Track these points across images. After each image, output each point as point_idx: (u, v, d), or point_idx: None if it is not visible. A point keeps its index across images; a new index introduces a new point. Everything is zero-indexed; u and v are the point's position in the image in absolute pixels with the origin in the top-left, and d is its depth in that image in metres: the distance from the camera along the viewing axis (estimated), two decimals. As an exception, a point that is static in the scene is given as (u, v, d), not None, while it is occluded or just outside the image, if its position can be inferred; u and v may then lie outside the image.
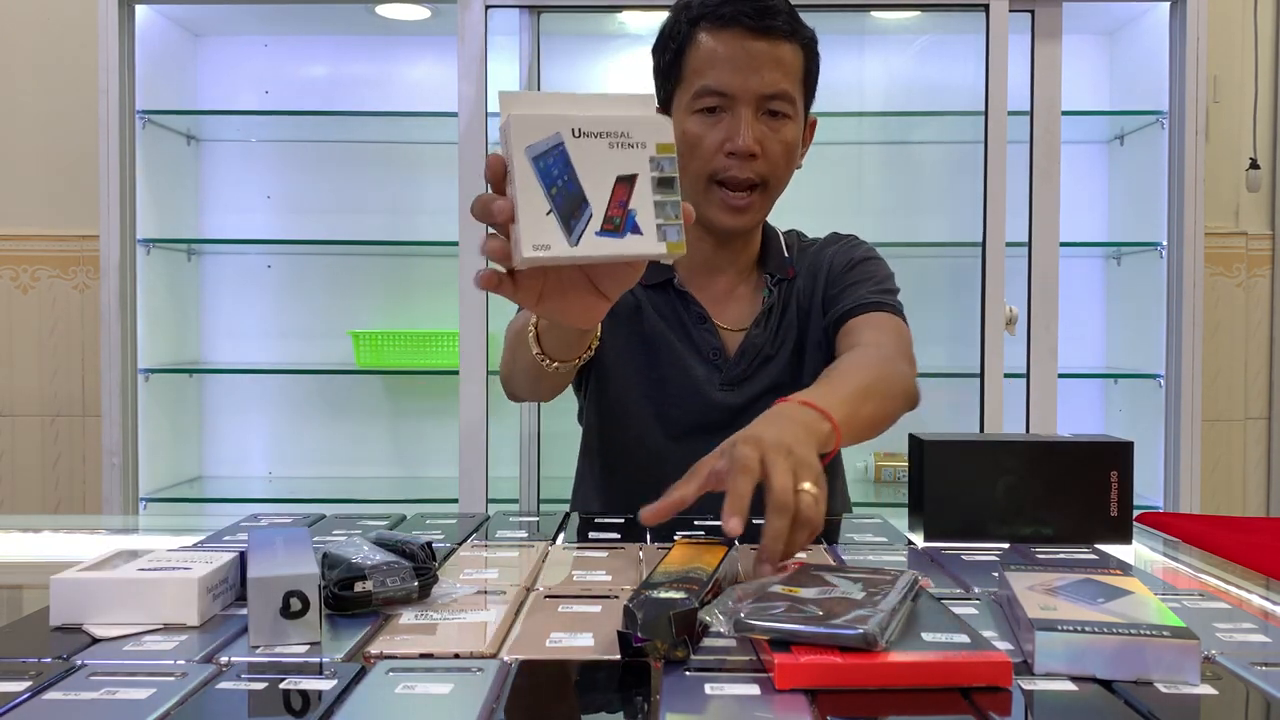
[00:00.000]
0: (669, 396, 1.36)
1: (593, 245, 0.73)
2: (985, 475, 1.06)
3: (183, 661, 0.68)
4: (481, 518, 1.19)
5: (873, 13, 2.60)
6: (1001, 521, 1.06)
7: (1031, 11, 2.27)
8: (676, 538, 1.05)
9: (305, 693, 0.63)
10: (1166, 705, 0.61)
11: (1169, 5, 2.36)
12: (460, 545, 1.03)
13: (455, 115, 2.28)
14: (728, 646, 0.70)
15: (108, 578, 0.76)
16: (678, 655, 0.67)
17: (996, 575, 0.87)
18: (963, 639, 0.66)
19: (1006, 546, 1.03)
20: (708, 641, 0.71)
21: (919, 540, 1.07)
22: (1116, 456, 1.07)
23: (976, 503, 1.06)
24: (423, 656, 0.70)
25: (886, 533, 1.11)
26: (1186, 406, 2.36)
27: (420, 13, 2.58)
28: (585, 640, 0.73)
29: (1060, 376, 2.31)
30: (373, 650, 0.70)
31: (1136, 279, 2.62)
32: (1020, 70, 2.28)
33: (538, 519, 1.19)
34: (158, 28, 2.57)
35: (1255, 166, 2.64)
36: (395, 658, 0.69)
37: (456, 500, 2.32)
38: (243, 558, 0.82)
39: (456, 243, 2.28)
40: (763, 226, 1.41)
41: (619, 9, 2.48)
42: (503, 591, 0.84)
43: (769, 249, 1.40)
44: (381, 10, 2.56)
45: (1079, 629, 0.66)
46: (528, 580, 0.89)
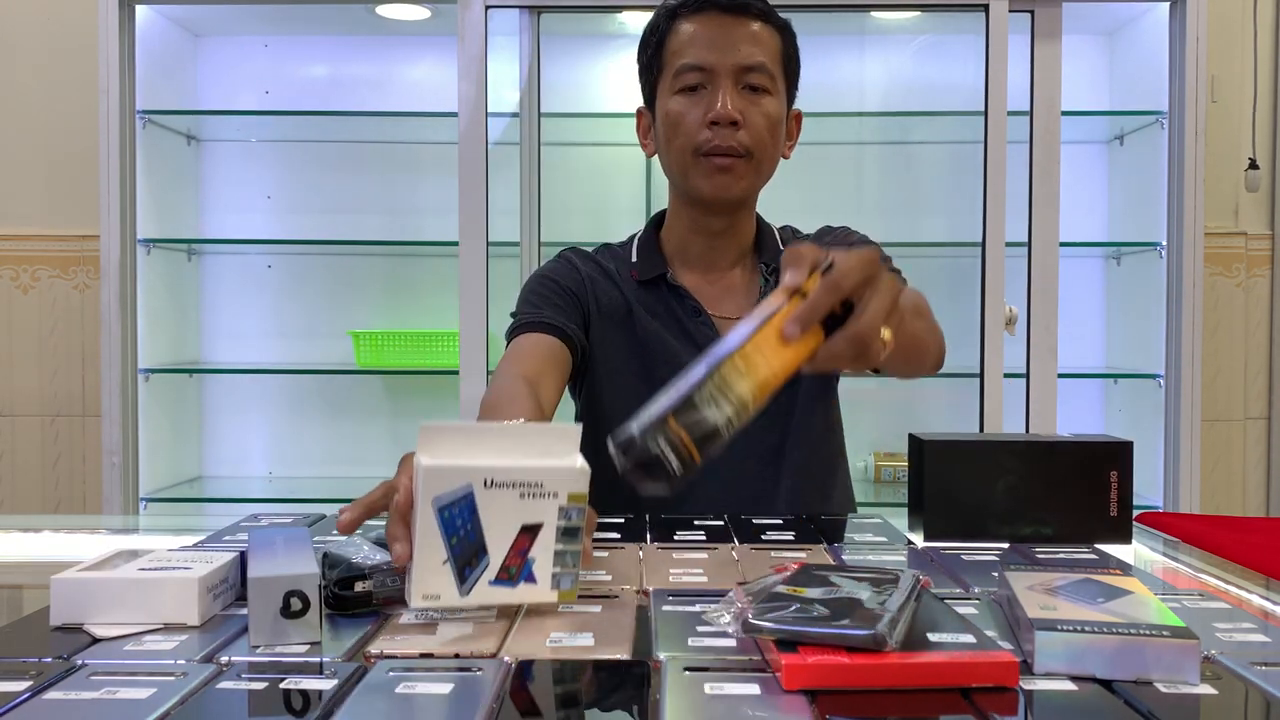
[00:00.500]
0: None
1: (484, 594, 0.76)
2: (985, 475, 1.06)
3: (183, 661, 0.68)
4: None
5: (873, 13, 2.60)
6: (1001, 521, 1.06)
7: (1031, 11, 2.27)
8: (677, 536, 1.05)
9: (305, 692, 0.63)
10: (1166, 705, 0.61)
11: (1169, 5, 2.36)
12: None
13: (455, 115, 2.28)
14: (728, 646, 0.70)
15: (108, 578, 0.76)
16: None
17: (996, 575, 0.87)
18: (969, 639, 0.66)
19: (1006, 546, 1.03)
20: (709, 641, 0.71)
21: (919, 540, 1.07)
22: (1116, 456, 1.07)
23: (976, 503, 1.06)
24: (423, 656, 0.70)
25: (886, 533, 1.11)
26: (1186, 406, 2.36)
27: (420, 13, 2.59)
28: (585, 640, 0.73)
29: (1060, 376, 2.31)
30: (373, 650, 0.70)
31: (1136, 279, 2.62)
32: (1020, 70, 2.28)
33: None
34: (158, 28, 2.57)
35: (1254, 166, 2.64)
36: (395, 658, 0.69)
37: (456, 500, 2.32)
38: (243, 558, 0.82)
39: (456, 243, 2.28)
40: (756, 220, 1.41)
41: (619, 9, 2.48)
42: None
43: (763, 240, 1.41)
44: (381, 10, 2.56)
45: (1079, 629, 0.66)
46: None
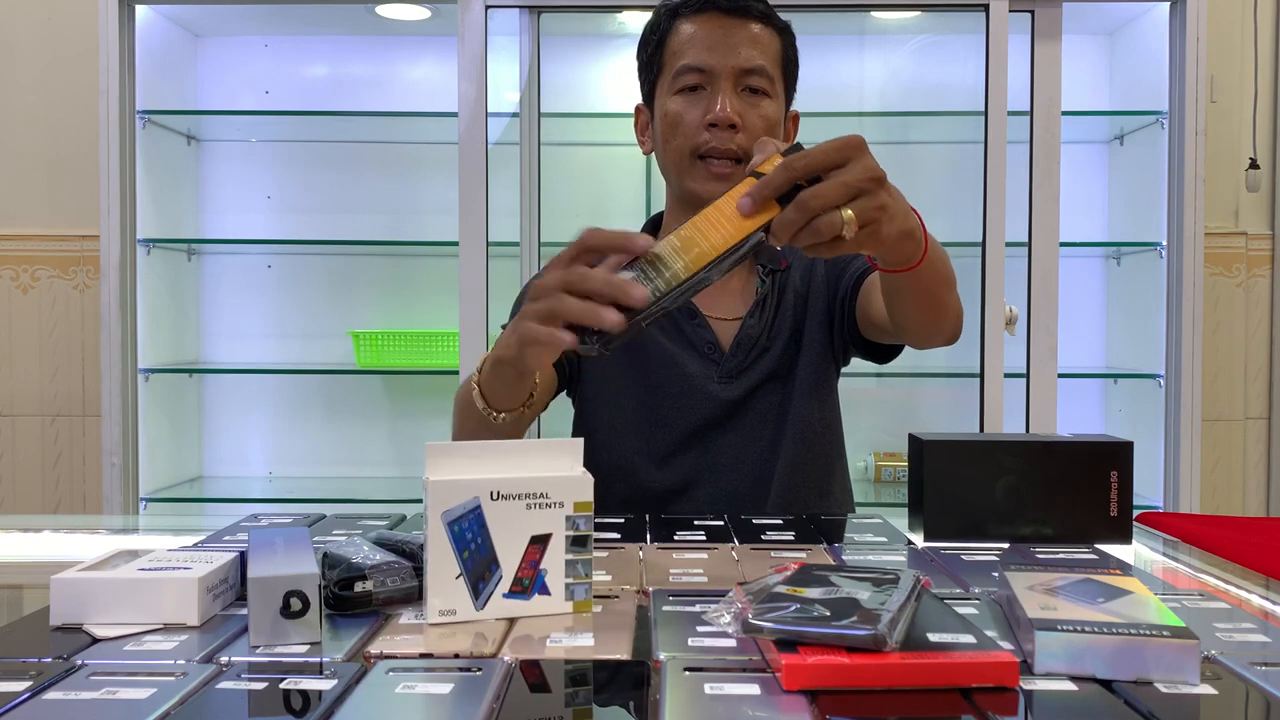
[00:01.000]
0: (665, 400, 1.35)
1: (498, 608, 0.78)
2: (985, 475, 1.06)
3: (183, 661, 0.68)
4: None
5: (873, 13, 2.60)
6: (1001, 521, 1.06)
7: (1031, 11, 2.27)
8: (677, 536, 1.05)
9: (305, 693, 0.63)
10: (1166, 705, 0.61)
11: (1169, 5, 2.36)
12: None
13: (455, 115, 2.28)
14: (728, 646, 0.70)
15: (108, 578, 0.76)
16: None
17: (996, 575, 0.87)
18: (969, 639, 0.66)
19: (1006, 546, 1.03)
20: (708, 641, 0.71)
21: (919, 540, 1.07)
22: (1116, 456, 1.07)
23: (976, 503, 1.06)
24: (423, 656, 0.70)
25: (886, 533, 1.11)
26: (1186, 406, 2.36)
27: (420, 13, 2.58)
28: (585, 640, 0.73)
29: (1060, 376, 2.31)
30: (373, 650, 0.70)
31: (1136, 279, 2.62)
32: (1020, 70, 2.28)
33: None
34: (158, 28, 2.57)
35: (1255, 166, 2.64)
36: (395, 658, 0.69)
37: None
38: (243, 558, 0.82)
39: (456, 243, 2.28)
40: None
41: (619, 9, 2.48)
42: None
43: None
44: (381, 10, 2.56)
45: (1079, 629, 0.66)
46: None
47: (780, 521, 1.15)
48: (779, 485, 1.33)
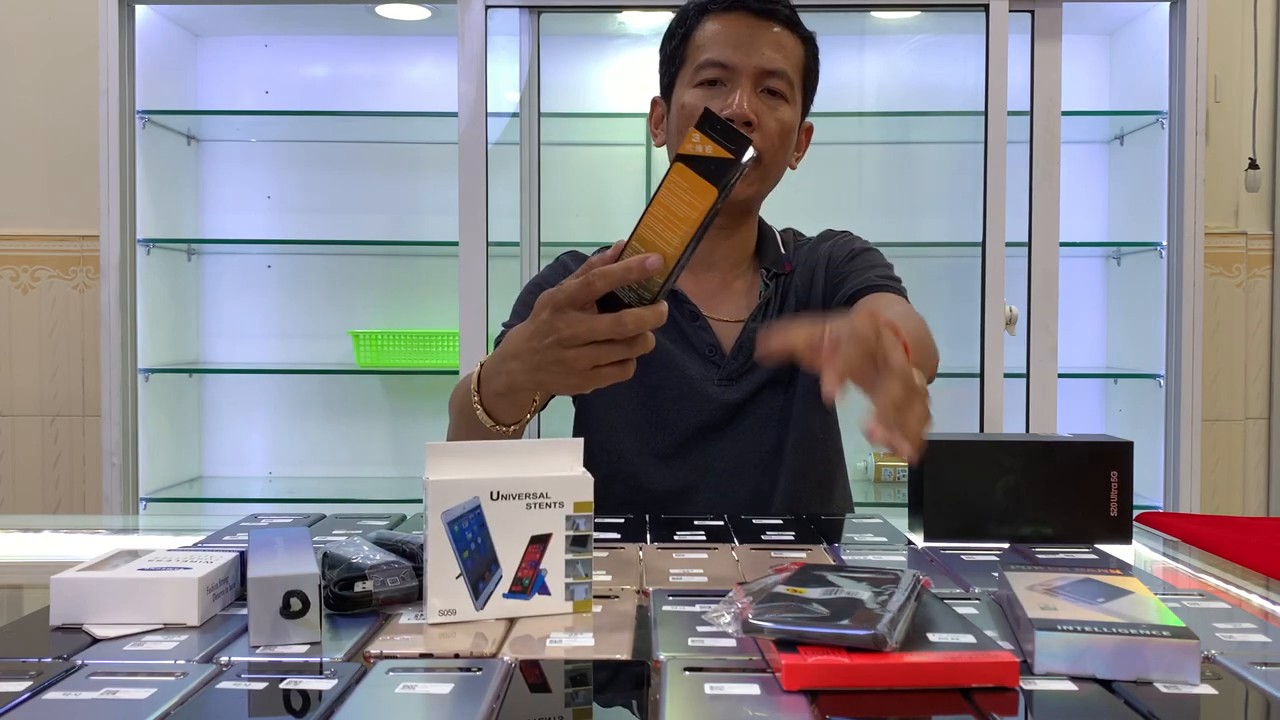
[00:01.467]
0: (665, 401, 1.35)
1: (498, 608, 0.78)
2: (985, 475, 1.06)
3: (183, 661, 0.68)
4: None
5: (873, 13, 2.60)
6: (1001, 521, 1.06)
7: (1031, 11, 2.27)
8: (677, 536, 1.05)
9: (305, 693, 0.63)
10: (1166, 705, 0.61)
11: (1169, 5, 2.36)
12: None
13: (455, 115, 2.28)
14: (728, 646, 0.70)
15: (108, 578, 0.76)
16: None
17: (996, 575, 0.87)
18: (969, 639, 0.66)
19: (1006, 546, 1.03)
20: (709, 641, 0.71)
21: (919, 540, 1.07)
22: (1116, 456, 1.07)
23: (976, 503, 1.06)
24: (423, 656, 0.70)
25: (886, 533, 1.11)
26: (1186, 406, 2.36)
27: (420, 13, 2.58)
28: (585, 640, 0.73)
29: (1060, 376, 2.31)
30: (373, 650, 0.70)
31: (1136, 279, 2.62)
32: (1020, 70, 2.28)
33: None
34: (158, 28, 2.57)
35: (1255, 166, 2.64)
36: (395, 658, 0.69)
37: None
38: (243, 558, 0.82)
39: (456, 243, 2.28)
40: (759, 223, 1.41)
41: (619, 9, 2.48)
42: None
43: (765, 244, 1.40)
44: (381, 10, 2.56)
45: (1079, 629, 0.66)
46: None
47: (780, 522, 1.15)
48: (782, 493, 1.33)
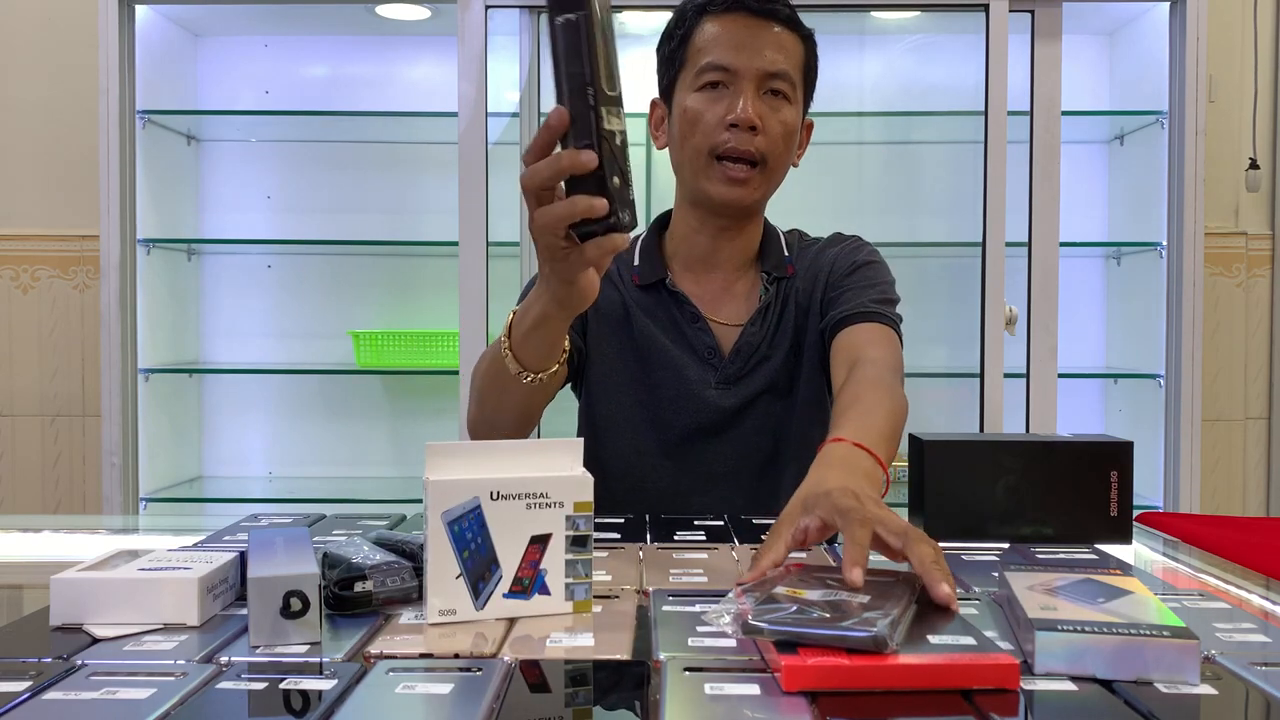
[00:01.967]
0: (663, 400, 1.35)
1: (498, 608, 0.78)
2: (985, 475, 1.06)
3: (183, 661, 0.68)
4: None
5: (873, 13, 2.60)
6: (1001, 521, 1.06)
7: (1031, 11, 2.27)
8: (677, 536, 1.05)
9: (305, 693, 0.63)
10: (1166, 705, 0.61)
11: (1168, 5, 2.36)
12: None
13: (455, 115, 2.28)
14: (728, 646, 0.70)
15: (108, 578, 0.76)
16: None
17: (996, 575, 0.87)
18: (969, 640, 0.66)
19: (1006, 546, 1.03)
20: (709, 641, 0.71)
21: (919, 540, 1.07)
22: (1116, 456, 1.07)
23: (976, 503, 1.06)
24: (423, 656, 0.70)
25: (886, 533, 1.10)
26: (1186, 406, 2.36)
27: (420, 13, 2.58)
28: (585, 640, 0.73)
29: (1060, 376, 2.31)
30: (373, 650, 0.70)
31: (1136, 279, 2.62)
32: (1020, 70, 2.28)
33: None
34: (158, 28, 2.57)
35: (1255, 166, 2.64)
36: (395, 658, 0.69)
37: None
38: (243, 558, 0.82)
39: (456, 243, 2.28)
40: (763, 224, 1.41)
41: (619, 9, 2.48)
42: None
43: (768, 246, 1.40)
44: (381, 10, 2.56)
45: (1079, 629, 0.66)
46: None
47: (780, 521, 1.15)
48: (782, 499, 1.32)
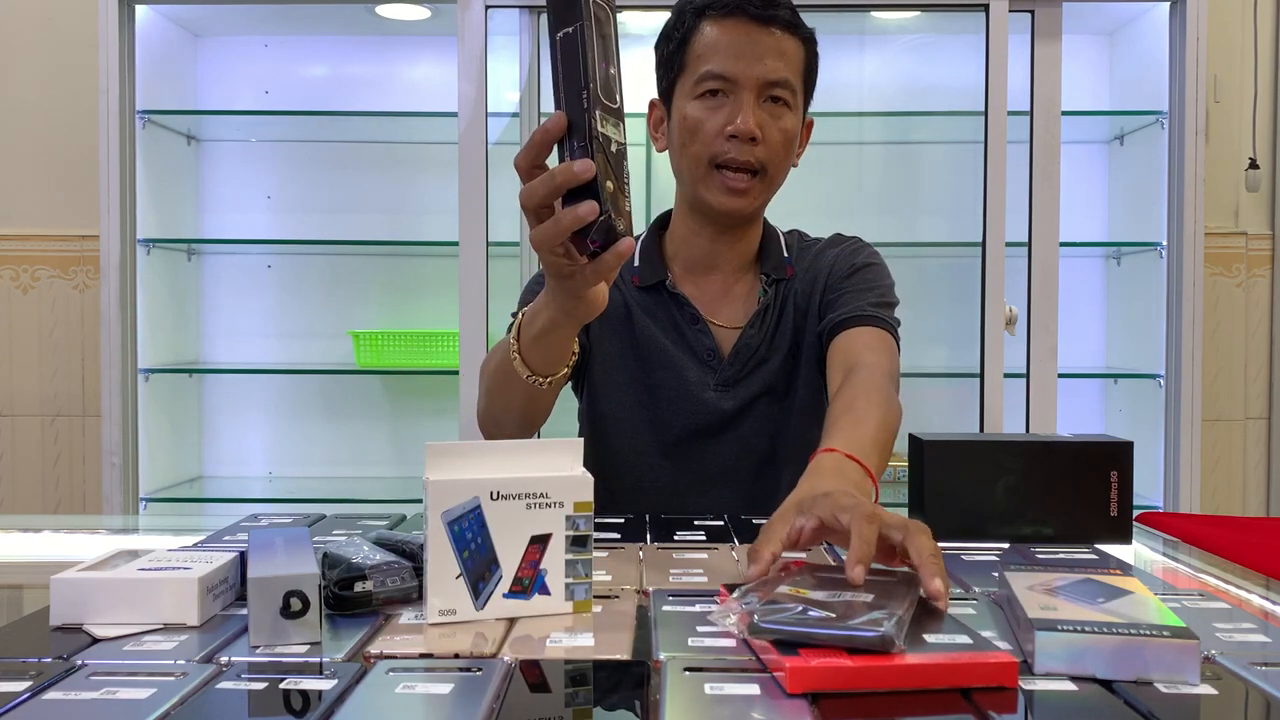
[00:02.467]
0: (662, 401, 1.35)
1: (498, 608, 0.78)
2: (985, 475, 1.06)
3: (183, 661, 0.68)
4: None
5: (873, 13, 2.60)
6: (1001, 521, 1.06)
7: (1031, 11, 2.27)
8: (677, 536, 1.05)
9: (305, 693, 0.63)
10: (1166, 705, 0.61)
11: (1169, 5, 2.36)
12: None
13: (455, 115, 2.28)
14: (729, 646, 0.70)
15: (108, 578, 0.76)
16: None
17: (996, 575, 0.87)
18: (964, 639, 0.66)
19: (1006, 546, 1.03)
20: (709, 641, 0.71)
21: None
22: (1116, 456, 1.07)
23: (976, 503, 1.06)
24: (423, 656, 0.70)
25: (886, 533, 1.10)
26: (1186, 406, 2.36)
27: (420, 13, 2.58)
28: (585, 640, 0.73)
29: (1060, 376, 2.31)
30: (373, 650, 0.70)
31: (1136, 279, 2.62)
32: (1020, 70, 2.28)
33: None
34: (158, 28, 2.57)
35: (1255, 166, 2.64)
36: (395, 658, 0.69)
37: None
38: (243, 558, 0.82)
39: (456, 243, 2.28)
40: (763, 225, 1.41)
41: (619, 9, 2.48)
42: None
43: (768, 248, 1.40)
44: (381, 10, 2.56)
45: (1079, 629, 0.66)
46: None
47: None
48: (780, 501, 1.32)
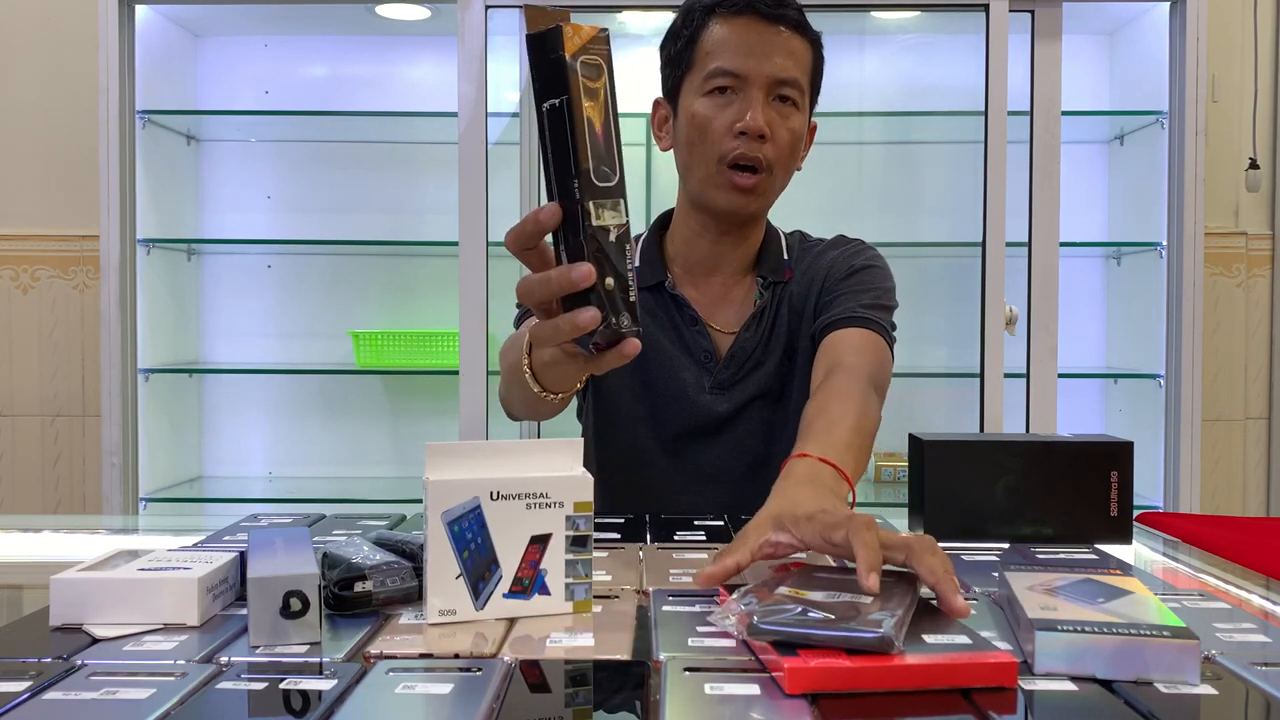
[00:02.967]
0: (659, 400, 1.35)
1: (498, 608, 0.78)
2: (985, 475, 1.06)
3: (183, 661, 0.68)
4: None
5: (873, 13, 2.60)
6: (1001, 521, 1.06)
7: (1031, 11, 2.27)
8: (677, 536, 1.06)
9: (305, 693, 0.63)
10: (1166, 705, 0.61)
11: (1169, 5, 2.36)
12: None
13: (455, 115, 2.28)
14: (729, 647, 0.70)
15: (108, 578, 0.76)
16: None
17: (996, 575, 0.87)
18: (964, 640, 0.66)
19: (1006, 546, 1.03)
20: (709, 642, 0.71)
21: (919, 540, 1.07)
22: (1116, 456, 1.07)
23: (976, 503, 1.06)
24: (423, 656, 0.70)
25: (886, 533, 1.10)
26: (1186, 406, 2.36)
27: (420, 13, 2.59)
28: (585, 640, 0.73)
29: (1060, 376, 2.31)
30: (373, 650, 0.70)
31: (1136, 279, 2.62)
32: (1020, 70, 2.28)
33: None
34: (158, 28, 2.57)
35: (1255, 166, 2.64)
36: (395, 658, 0.69)
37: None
38: (243, 558, 0.82)
39: (456, 243, 2.28)
40: (764, 227, 1.41)
41: (619, 9, 2.48)
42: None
43: (768, 250, 1.39)
44: (381, 10, 2.56)
45: (1079, 629, 0.66)
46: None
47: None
48: None
